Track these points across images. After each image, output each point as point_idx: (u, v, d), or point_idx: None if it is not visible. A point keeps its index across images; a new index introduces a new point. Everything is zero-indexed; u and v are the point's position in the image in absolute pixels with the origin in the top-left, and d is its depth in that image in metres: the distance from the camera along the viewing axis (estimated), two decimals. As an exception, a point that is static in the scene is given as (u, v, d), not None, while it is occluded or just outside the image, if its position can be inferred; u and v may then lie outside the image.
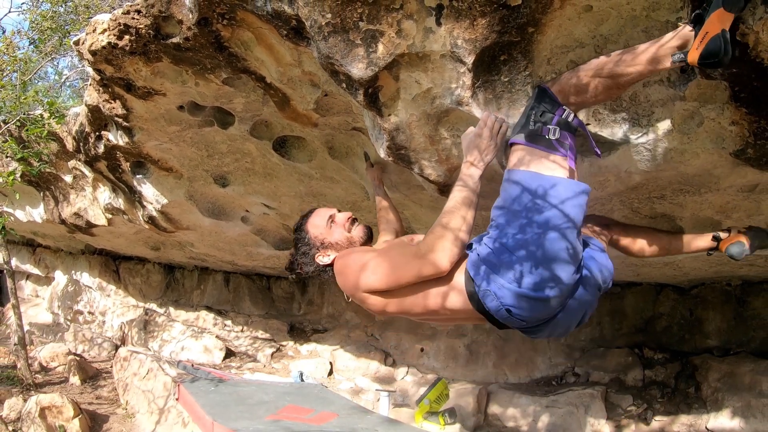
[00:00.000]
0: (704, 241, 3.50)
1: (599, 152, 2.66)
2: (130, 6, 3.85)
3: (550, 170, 2.50)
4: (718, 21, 2.07)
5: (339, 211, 3.17)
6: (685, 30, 2.20)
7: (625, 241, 3.18)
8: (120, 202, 7.08)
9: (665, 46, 2.25)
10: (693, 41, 2.14)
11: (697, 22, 2.14)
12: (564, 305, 2.53)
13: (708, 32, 2.08)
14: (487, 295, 2.47)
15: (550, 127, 2.52)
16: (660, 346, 7.25)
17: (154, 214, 6.71)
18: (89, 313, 12.71)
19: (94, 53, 4.16)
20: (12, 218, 10.36)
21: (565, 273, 2.42)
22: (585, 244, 2.81)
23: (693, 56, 2.13)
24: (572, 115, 2.54)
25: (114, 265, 12.74)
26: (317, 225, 3.10)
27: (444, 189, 3.85)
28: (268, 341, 10.26)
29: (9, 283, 9.59)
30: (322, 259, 3.05)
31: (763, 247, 3.40)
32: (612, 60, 2.41)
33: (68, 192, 8.22)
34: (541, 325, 2.58)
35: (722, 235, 3.53)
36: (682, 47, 2.20)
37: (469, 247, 2.63)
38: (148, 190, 6.27)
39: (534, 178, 2.48)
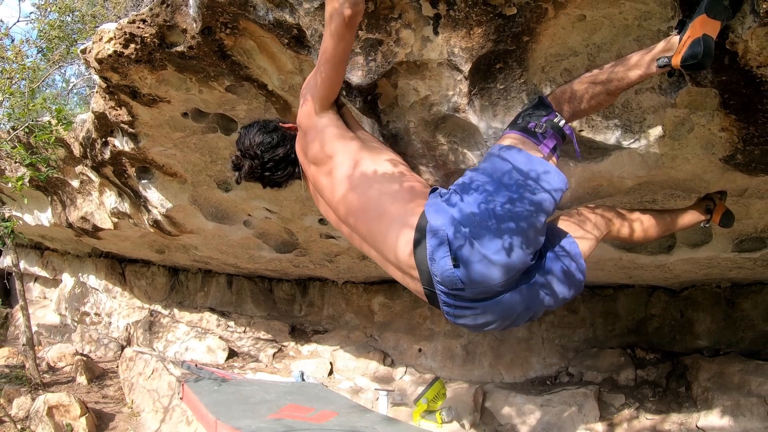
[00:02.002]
0: (696, 215, 3.19)
1: (579, 154, 2.60)
2: (136, 15, 3.85)
3: (540, 157, 2.43)
4: (701, 26, 2.12)
5: None
6: (673, 38, 2.21)
7: (625, 232, 3.04)
8: (126, 207, 7.07)
9: (653, 52, 2.27)
10: (677, 46, 2.18)
11: (682, 29, 2.17)
12: (502, 293, 2.34)
13: (690, 36, 2.12)
14: (442, 258, 2.24)
15: (538, 122, 2.45)
16: (652, 347, 7.24)
17: (159, 218, 6.70)
18: (96, 314, 12.68)
19: (100, 61, 4.16)
20: (21, 222, 10.35)
21: (528, 255, 2.30)
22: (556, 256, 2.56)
23: (676, 59, 2.16)
24: (563, 121, 2.47)
25: (120, 267, 12.72)
26: None
27: (441, 193, 3.84)
28: (270, 342, 10.24)
29: (18, 285, 9.57)
30: (285, 128, 2.94)
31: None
32: (606, 70, 2.40)
33: (75, 196, 8.21)
34: (473, 303, 2.35)
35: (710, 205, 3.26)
36: (668, 52, 2.22)
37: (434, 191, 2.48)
38: (153, 194, 6.26)
39: (528, 161, 2.39)
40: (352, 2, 2.29)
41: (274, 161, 2.84)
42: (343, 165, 2.55)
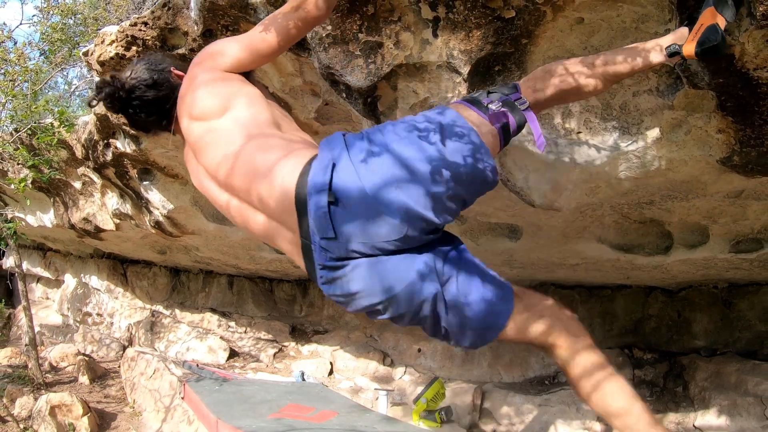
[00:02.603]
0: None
1: (542, 145, 2.20)
2: (138, 18, 3.85)
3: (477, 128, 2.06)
4: (711, 16, 2.03)
5: None
6: (682, 28, 2.15)
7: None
8: (127, 208, 7.07)
9: (659, 41, 2.15)
10: (687, 36, 2.09)
11: (691, 22, 2.10)
12: (388, 252, 1.94)
13: (703, 24, 2.04)
14: (319, 192, 1.89)
15: (493, 97, 2.16)
16: (649, 347, 7.24)
17: (161, 219, 6.70)
18: (98, 314, 12.67)
19: (102, 64, 4.16)
20: (23, 223, 10.35)
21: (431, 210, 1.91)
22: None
23: (689, 48, 2.05)
24: (526, 104, 2.17)
25: (122, 268, 12.72)
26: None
27: (440, 195, 3.84)
28: (271, 342, 10.23)
29: (20, 285, 9.56)
30: (177, 77, 2.46)
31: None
32: (603, 56, 2.21)
33: (77, 198, 8.20)
34: (345, 260, 1.96)
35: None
36: (679, 41, 2.12)
37: None
38: (154, 196, 6.26)
39: (457, 117, 2.07)
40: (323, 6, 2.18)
41: (140, 101, 2.40)
42: (236, 121, 2.15)
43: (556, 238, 4.91)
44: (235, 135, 2.12)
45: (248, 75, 2.36)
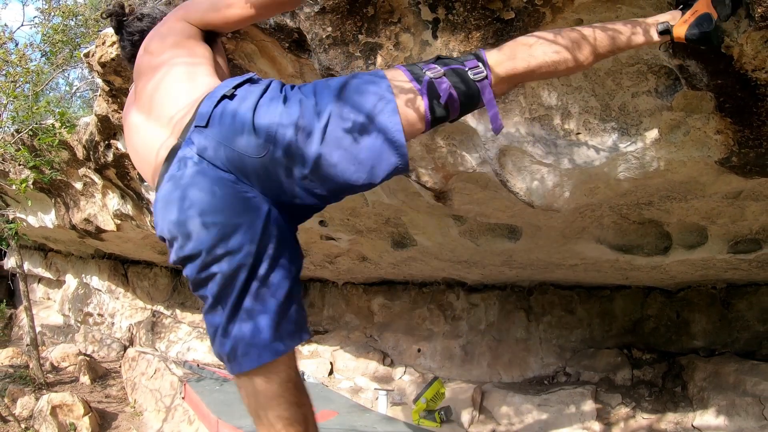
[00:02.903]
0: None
1: (498, 128, 1.97)
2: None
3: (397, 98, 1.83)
4: (706, 5, 1.99)
5: None
6: (674, 11, 2.08)
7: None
8: (128, 209, 7.07)
9: (657, 18, 2.06)
10: (681, 17, 2.02)
11: (686, 6, 2.04)
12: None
13: (697, 10, 1.98)
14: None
15: (438, 64, 1.90)
16: (648, 347, 7.24)
17: (162, 219, 6.69)
18: (99, 315, 12.68)
19: (103, 65, 4.16)
20: (24, 224, 10.35)
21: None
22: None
23: (680, 30, 1.99)
24: (482, 74, 1.89)
25: (122, 268, 12.72)
26: None
27: (440, 195, 3.85)
28: (271, 342, 10.24)
29: (22, 286, 9.57)
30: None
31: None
32: (591, 29, 2.02)
33: (78, 199, 8.21)
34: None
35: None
36: (672, 20, 2.04)
37: None
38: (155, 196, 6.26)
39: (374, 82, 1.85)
40: None
41: (131, 26, 2.44)
42: (170, 69, 2.06)
43: (556, 238, 4.91)
44: (171, 84, 2.02)
45: (212, 40, 2.30)
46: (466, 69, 1.88)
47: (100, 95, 5.04)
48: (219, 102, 1.81)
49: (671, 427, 6.21)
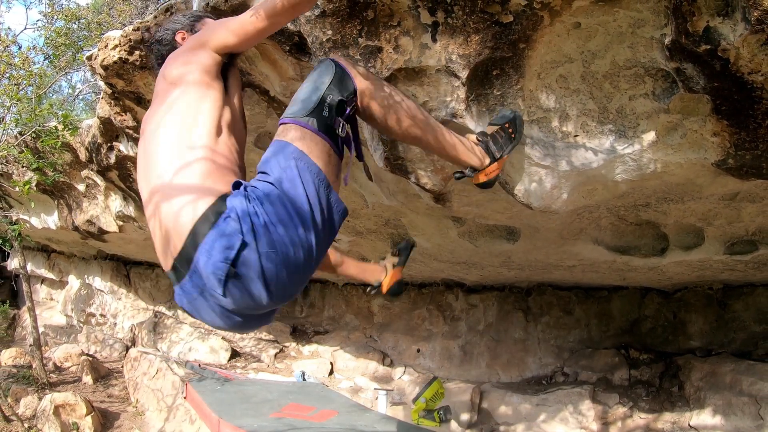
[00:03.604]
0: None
1: (345, 180, 2.21)
2: (140, 22, 3.84)
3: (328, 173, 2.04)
4: (497, 166, 2.64)
5: None
6: (487, 158, 2.66)
7: None
8: (131, 210, 7.06)
9: (472, 153, 2.61)
10: (486, 167, 2.64)
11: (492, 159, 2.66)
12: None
13: (495, 170, 2.66)
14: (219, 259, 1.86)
15: (341, 121, 2.07)
16: (645, 347, 7.24)
17: (163, 221, 6.69)
18: (101, 315, 12.68)
19: (105, 68, 4.15)
20: (28, 225, 10.35)
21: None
22: None
23: (477, 178, 2.63)
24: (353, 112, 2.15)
25: (125, 269, 12.73)
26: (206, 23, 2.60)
27: (439, 197, 3.84)
28: (272, 342, 10.23)
29: (25, 286, 9.57)
30: (180, 37, 2.54)
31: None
32: (432, 123, 2.49)
33: (81, 200, 8.20)
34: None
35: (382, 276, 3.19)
36: (478, 165, 2.64)
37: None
38: (157, 198, 6.25)
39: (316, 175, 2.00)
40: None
41: (150, 50, 2.66)
42: (176, 102, 2.18)
43: (554, 239, 4.91)
44: (171, 124, 2.13)
45: (230, 63, 2.43)
46: (352, 112, 2.16)
47: (102, 98, 5.03)
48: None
49: (668, 427, 6.20)
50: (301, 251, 1.92)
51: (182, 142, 2.08)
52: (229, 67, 2.42)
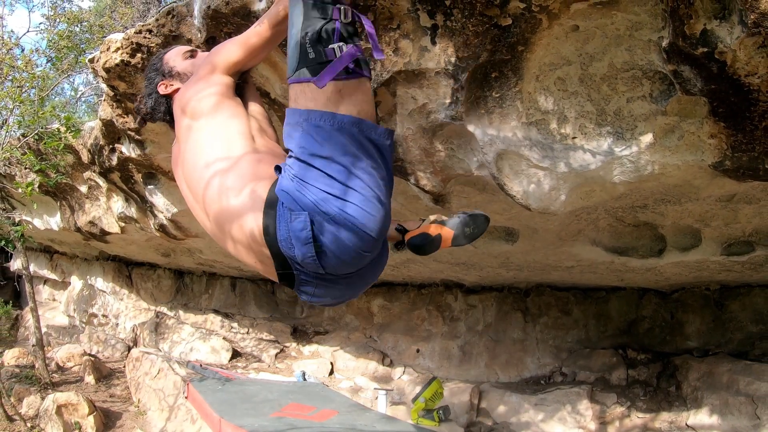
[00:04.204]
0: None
1: (381, 55, 1.97)
2: (142, 26, 3.84)
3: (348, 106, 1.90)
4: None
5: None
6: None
7: None
8: (132, 211, 7.06)
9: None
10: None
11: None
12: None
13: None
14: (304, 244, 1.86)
15: (334, 46, 1.86)
16: (643, 347, 7.24)
17: (165, 222, 6.69)
18: (103, 316, 12.67)
19: (108, 70, 4.15)
20: (30, 226, 10.34)
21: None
22: None
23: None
24: (349, 11, 1.90)
25: (127, 270, 12.72)
26: (174, 56, 2.50)
27: (439, 198, 3.84)
28: (273, 342, 10.23)
29: (27, 287, 9.57)
30: (164, 89, 2.43)
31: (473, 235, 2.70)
32: None
33: (83, 202, 8.20)
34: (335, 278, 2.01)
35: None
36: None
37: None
38: (159, 199, 6.25)
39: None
40: None
41: (141, 112, 2.57)
42: (205, 129, 2.18)
43: (552, 240, 4.91)
44: (207, 148, 2.14)
45: (244, 76, 2.40)
46: (343, 19, 1.88)
47: (104, 100, 5.03)
48: None
49: (666, 426, 6.20)
50: (356, 196, 1.87)
51: (225, 159, 2.08)
52: (243, 85, 2.40)
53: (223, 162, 2.08)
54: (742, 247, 4.48)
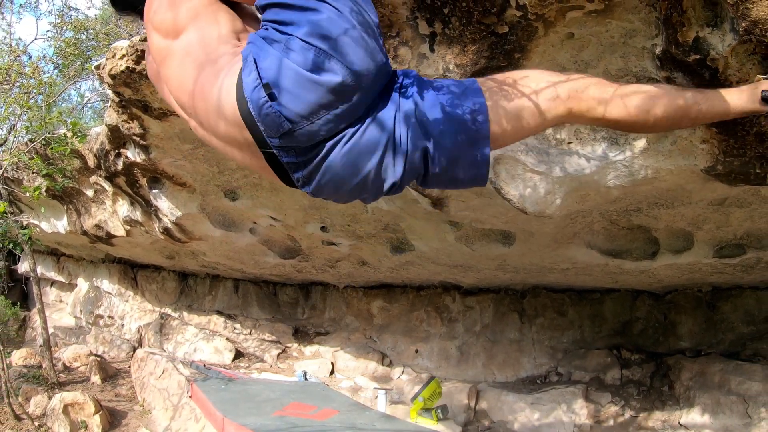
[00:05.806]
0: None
1: None
2: (147, 34, 3.84)
3: None
4: None
5: None
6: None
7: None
8: (138, 215, 7.06)
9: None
10: None
11: None
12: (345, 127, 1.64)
13: None
14: (254, 88, 1.58)
15: None
16: (636, 348, 7.23)
17: (169, 225, 6.69)
18: (109, 317, 12.65)
19: (113, 77, 4.15)
20: (38, 229, 10.33)
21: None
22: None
23: None
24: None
25: (132, 272, 12.70)
26: None
27: (437, 202, 3.84)
28: (274, 343, 10.21)
29: (35, 289, 9.56)
30: None
31: None
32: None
33: (90, 205, 8.19)
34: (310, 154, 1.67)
35: None
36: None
37: None
38: (163, 203, 6.25)
39: None
40: None
41: None
42: (188, 48, 1.81)
43: (548, 243, 4.91)
44: (188, 66, 1.80)
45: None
46: None
47: (110, 106, 5.03)
48: None
49: (659, 425, 6.20)
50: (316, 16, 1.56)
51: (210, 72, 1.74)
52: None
53: (206, 70, 1.75)
54: (734, 250, 4.48)
